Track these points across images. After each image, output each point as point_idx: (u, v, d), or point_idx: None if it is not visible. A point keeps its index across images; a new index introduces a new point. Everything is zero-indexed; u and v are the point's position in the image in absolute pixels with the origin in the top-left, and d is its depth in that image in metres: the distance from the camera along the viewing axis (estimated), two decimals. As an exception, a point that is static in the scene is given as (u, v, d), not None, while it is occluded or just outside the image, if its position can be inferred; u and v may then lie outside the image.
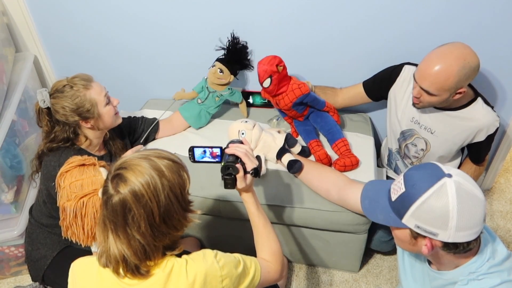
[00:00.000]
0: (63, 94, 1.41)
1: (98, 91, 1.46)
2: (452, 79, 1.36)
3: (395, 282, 1.82)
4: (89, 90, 1.44)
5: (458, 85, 1.39)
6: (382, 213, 1.03)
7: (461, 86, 1.40)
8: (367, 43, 1.79)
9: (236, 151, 1.21)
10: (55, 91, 1.42)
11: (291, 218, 1.60)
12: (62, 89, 1.41)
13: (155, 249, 0.96)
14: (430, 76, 1.39)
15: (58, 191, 1.24)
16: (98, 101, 1.45)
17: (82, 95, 1.42)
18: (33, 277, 1.61)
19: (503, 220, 2.07)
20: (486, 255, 0.96)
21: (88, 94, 1.43)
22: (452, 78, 1.36)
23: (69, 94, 1.41)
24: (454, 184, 0.91)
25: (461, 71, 1.35)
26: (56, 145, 1.46)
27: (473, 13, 1.62)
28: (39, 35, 2.13)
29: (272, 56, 1.61)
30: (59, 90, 1.42)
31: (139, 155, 0.97)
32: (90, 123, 1.47)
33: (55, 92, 1.42)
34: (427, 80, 1.40)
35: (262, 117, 1.96)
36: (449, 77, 1.36)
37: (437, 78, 1.37)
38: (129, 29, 2.00)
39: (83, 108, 1.42)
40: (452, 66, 1.35)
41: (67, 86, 1.42)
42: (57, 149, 1.46)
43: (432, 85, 1.40)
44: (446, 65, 1.36)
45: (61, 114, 1.42)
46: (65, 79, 1.45)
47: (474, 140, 1.57)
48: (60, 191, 1.23)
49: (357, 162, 1.64)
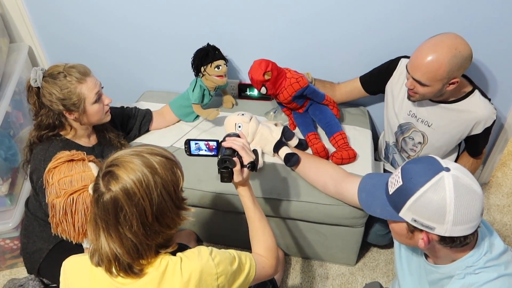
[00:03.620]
0: (54, 81, 1.39)
1: (91, 87, 1.44)
2: (444, 68, 1.36)
3: (392, 276, 1.83)
4: (81, 84, 1.41)
5: (450, 74, 1.38)
6: (379, 206, 1.02)
7: (453, 76, 1.39)
8: (364, 40, 1.78)
9: (233, 144, 1.19)
10: (49, 75, 1.41)
11: (288, 211, 1.60)
12: (56, 75, 1.40)
13: (148, 248, 0.94)
14: (422, 66, 1.38)
15: (47, 187, 1.21)
16: (87, 97, 1.43)
17: (72, 87, 1.40)
18: (29, 269, 1.60)
19: (500, 214, 2.08)
20: (483, 249, 0.96)
21: (79, 88, 1.41)
22: (443, 67, 1.36)
23: (60, 82, 1.39)
24: (452, 178, 0.90)
25: (452, 60, 1.35)
26: (44, 133, 1.44)
27: (470, 7, 1.61)
28: (33, 25, 2.11)
29: (257, 65, 1.60)
30: (52, 75, 1.40)
31: (131, 152, 0.94)
32: (74, 115, 1.45)
33: (48, 76, 1.40)
34: (419, 70, 1.40)
35: (259, 109, 1.94)
36: (440, 66, 1.36)
37: (429, 68, 1.37)
38: (125, 21, 1.98)
39: (70, 101, 1.40)
40: (443, 55, 1.35)
41: (61, 74, 1.40)
42: (46, 139, 1.45)
43: (424, 75, 1.39)
44: (437, 54, 1.35)
45: (47, 99, 1.41)
46: (62, 65, 1.43)
47: (471, 132, 1.57)
48: (49, 187, 1.20)
49: (354, 155, 1.63)
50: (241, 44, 1.93)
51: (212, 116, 1.77)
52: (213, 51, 1.78)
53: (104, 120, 1.55)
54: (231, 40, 1.91)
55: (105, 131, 1.62)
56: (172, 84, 2.13)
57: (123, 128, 1.74)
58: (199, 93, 1.79)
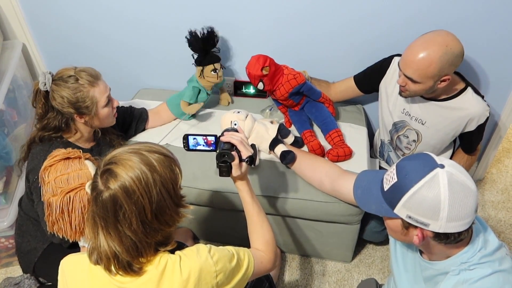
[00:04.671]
0: (66, 84, 1.38)
1: (102, 90, 1.44)
2: (435, 65, 1.37)
3: (387, 272, 1.84)
4: (93, 88, 1.41)
5: (442, 72, 1.39)
6: (375, 203, 1.03)
7: (445, 74, 1.40)
8: (359, 35, 1.79)
9: (231, 139, 1.20)
10: (59, 78, 1.40)
11: (284, 208, 1.60)
12: (67, 79, 1.39)
13: (147, 245, 0.94)
14: (413, 63, 1.39)
15: (42, 186, 1.21)
16: (99, 100, 1.43)
17: (85, 90, 1.39)
18: (24, 269, 1.59)
19: (495, 210, 2.09)
20: (477, 246, 0.97)
21: (91, 92, 1.41)
22: (434, 64, 1.36)
23: (72, 86, 1.38)
24: (446, 174, 0.91)
25: (443, 57, 1.36)
26: (47, 134, 1.44)
27: (464, 4, 1.61)
28: (27, 23, 2.09)
29: (255, 60, 1.59)
30: (63, 79, 1.39)
31: (129, 149, 0.94)
32: (84, 119, 1.45)
33: (58, 79, 1.39)
34: (410, 67, 1.41)
35: (255, 107, 1.94)
36: (431, 63, 1.36)
37: (420, 65, 1.38)
38: (120, 18, 1.96)
39: (82, 104, 1.40)
40: (434, 52, 1.36)
41: (72, 77, 1.39)
42: (48, 140, 1.44)
43: (415, 72, 1.40)
44: (428, 51, 1.36)
45: (57, 102, 1.40)
46: (72, 68, 1.42)
47: (465, 130, 1.57)
48: (45, 186, 1.19)
49: (350, 152, 1.63)
50: (237, 42, 1.93)
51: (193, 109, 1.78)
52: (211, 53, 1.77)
53: (112, 123, 1.56)
54: (227, 38, 1.91)
55: (105, 133, 1.62)
56: (168, 81, 2.13)
57: (120, 128, 1.74)
58: (192, 93, 1.79)
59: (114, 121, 1.57)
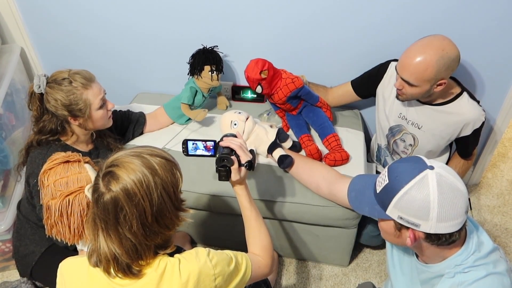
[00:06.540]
0: (59, 87, 1.39)
1: (96, 92, 1.44)
2: (431, 69, 1.39)
3: (384, 276, 1.84)
4: (87, 90, 1.41)
5: (438, 75, 1.41)
6: (368, 205, 1.05)
7: (441, 77, 1.42)
8: (357, 44, 1.80)
9: (231, 143, 1.21)
10: (53, 80, 1.40)
11: (281, 212, 1.60)
12: (61, 81, 1.39)
13: (146, 248, 0.95)
14: (410, 66, 1.41)
15: (42, 189, 1.21)
16: (92, 102, 1.43)
17: (79, 93, 1.40)
18: (21, 272, 1.59)
19: (490, 215, 2.10)
20: (471, 248, 0.98)
21: (85, 94, 1.41)
22: (430, 68, 1.39)
23: (65, 88, 1.38)
24: (436, 175, 0.93)
25: (440, 61, 1.38)
26: (45, 137, 1.44)
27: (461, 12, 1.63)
28: (26, 27, 2.09)
29: (254, 63, 1.60)
30: (57, 81, 1.39)
31: (131, 152, 0.95)
32: (78, 121, 1.45)
33: (52, 82, 1.40)
34: (407, 70, 1.43)
35: (253, 111, 1.94)
36: (428, 67, 1.39)
37: (417, 68, 1.40)
38: (118, 23, 1.97)
39: (76, 106, 1.40)
40: (430, 56, 1.38)
41: (66, 80, 1.39)
42: (46, 144, 1.45)
43: (412, 75, 1.42)
44: (425, 55, 1.39)
45: (51, 105, 1.40)
46: (66, 71, 1.42)
47: (460, 134, 1.59)
48: (44, 189, 1.19)
49: (347, 157, 1.64)
50: (235, 47, 1.94)
51: (200, 117, 1.77)
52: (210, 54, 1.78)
53: (107, 125, 1.56)
54: (224, 43, 1.92)
55: (103, 136, 1.62)
56: (166, 86, 2.13)
57: (117, 131, 1.74)
58: (190, 94, 1.80)
59: (110, 124, 1.57)
